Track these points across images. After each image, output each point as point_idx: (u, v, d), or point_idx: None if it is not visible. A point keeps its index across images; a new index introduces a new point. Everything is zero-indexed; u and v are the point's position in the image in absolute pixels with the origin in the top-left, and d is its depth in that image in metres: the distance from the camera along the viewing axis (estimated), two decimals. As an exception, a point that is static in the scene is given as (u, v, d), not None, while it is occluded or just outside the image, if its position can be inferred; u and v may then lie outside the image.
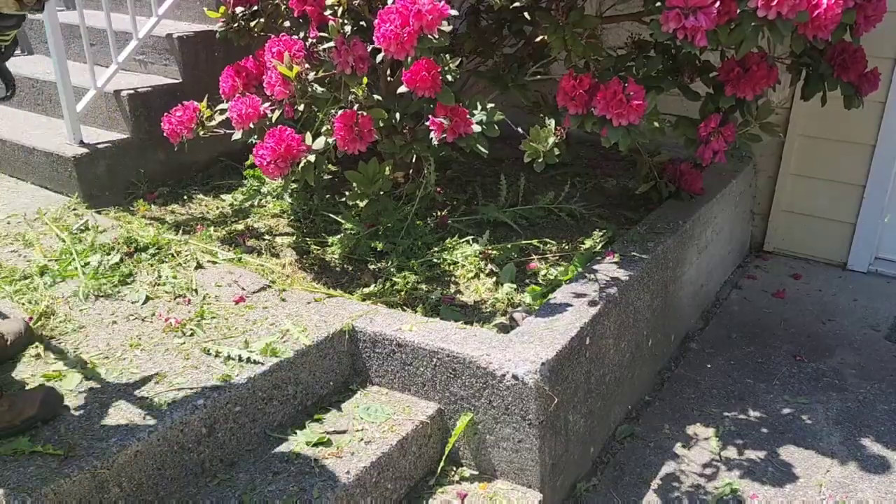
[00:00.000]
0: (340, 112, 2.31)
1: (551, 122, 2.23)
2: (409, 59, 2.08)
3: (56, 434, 1.60)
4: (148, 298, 2.20)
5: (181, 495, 1.69)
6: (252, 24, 2.78)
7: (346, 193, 2.83)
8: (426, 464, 2.02)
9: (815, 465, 2.29)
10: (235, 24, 2.79)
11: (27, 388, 1.75)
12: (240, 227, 2.88)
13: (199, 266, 2.44)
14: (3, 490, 1.43)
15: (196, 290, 2.28)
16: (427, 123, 2.25)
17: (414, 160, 2.77)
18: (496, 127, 2.25)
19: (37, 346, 1.92)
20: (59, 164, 2.86)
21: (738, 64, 2.44)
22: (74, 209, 2.79)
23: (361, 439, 1.87)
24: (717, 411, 2.54)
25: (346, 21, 2.30)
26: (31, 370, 1.83)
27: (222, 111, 2.55)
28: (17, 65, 3.51)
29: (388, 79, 2.55)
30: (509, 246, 2.64)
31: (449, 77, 2.19)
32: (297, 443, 1.86)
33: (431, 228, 2.75)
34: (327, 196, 3.07)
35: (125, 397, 1.73)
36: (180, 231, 2.80)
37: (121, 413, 1.67)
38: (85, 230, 2.60)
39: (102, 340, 1.97)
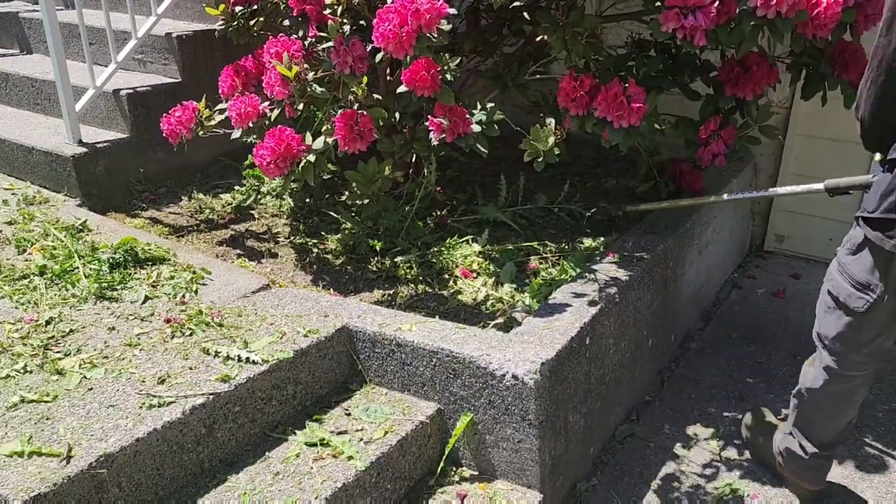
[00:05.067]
0: (340, 112, 2.30)
1: (551, 122, 2.23)
2: (409, 58, 2.07)
3: (56, 434, 1.59)
4: (147, 298, 2.20)
5: (181, 495, 1.69)
6: (251, 22, 2.78)
7: (346, 193, 2.83)
8: (426, 464, 2.01)
9: (815, 465, 2.28)
10: (235, 23, 2.79)
11: None
12: (239, 226, 2.88)
13: (197, 266, 2.43)
14: (3, 490, 1.42)
15: (195, 291, 2.28)
16: (426, 123, 2.25)
17: (414, 160, 2.77)
18: (496, 126, 2.25)
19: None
20: (57, 164, 2.85)
21: (738, 64, 2.44)
22: (73, 209, 2.78)
23: (361, 439, 1.87)
24: (716, 411, 2.54)
25: (345, 20, 2.30)
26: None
27: (221, 111, 2.55)
28: (18, 64, 3.51)
29: (388, 78, 2.55)
30: (509, 246, 2.64)
31: (448, 76, 2.19)
32: (297, 443, 1.86)
33: (431, 228, 2.75)
34: (327, 196, 3.07)
35: (124, 397, 1.72)
36: (179, 231, 2.80)
37: (120, 413, 1.67)
38: (84, 230, 2.60)
39: (101, 340, 1.97)
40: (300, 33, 2.41)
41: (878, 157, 1.68)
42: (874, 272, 1.67)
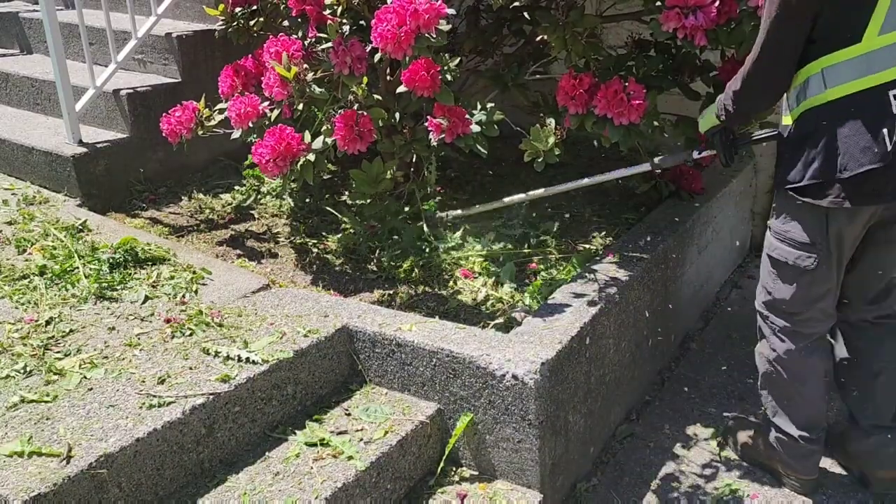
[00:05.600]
0: (340, 112, 2.30)
1: (551, 122, 2.23)
2: (407, 58, 2.07)
3: (56, 434, 1.59)
4: (147, 298, 2.20)
5: (181, 495, 1.69)
6: (251, 23, 2.78)
7: (347, 193, 2.83)
8: (426, 464, 2.01)
9: (815, 465, 2.28)
10: (235, 24, 2.79)
11: None
12: (239, 226, 2.88)
13: (197, 266, 2.43)
14: (3, 490, 1.42)
15: (195, 291, 2.28)
16: (426, 123, 2.25)
17: (414, 160, 2.77)
18: (496, 127, 2.25)
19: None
20: (57, 164, 2.85)
21: (738, 63, 2.43)
22: (73, 209, 2.78)
23: (361, 439, 1.87)
24: (716, 411, 2.54)
25: (344, 21, 2.30)
26: None
27: (221, 111, 2.55)
28: (18, 64, 3.51)
29: (388, 78, 2.55)
30: (509, 246, 2.64)
31: (448, 77, 2.19)
32: (297, 443, 1.86)
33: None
34: (327, 196, 3.07)
35: (124, 397, 1.72)
36: (179, 231, 2.80)
37: (120, 413, 1.67)
38: (84, 230, 2.60)
39: (101, 340, 1.97)
40: (300, 34, 2.41)
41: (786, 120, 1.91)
42: (814, 231, 1.86)
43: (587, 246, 2.67)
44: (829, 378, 2.10)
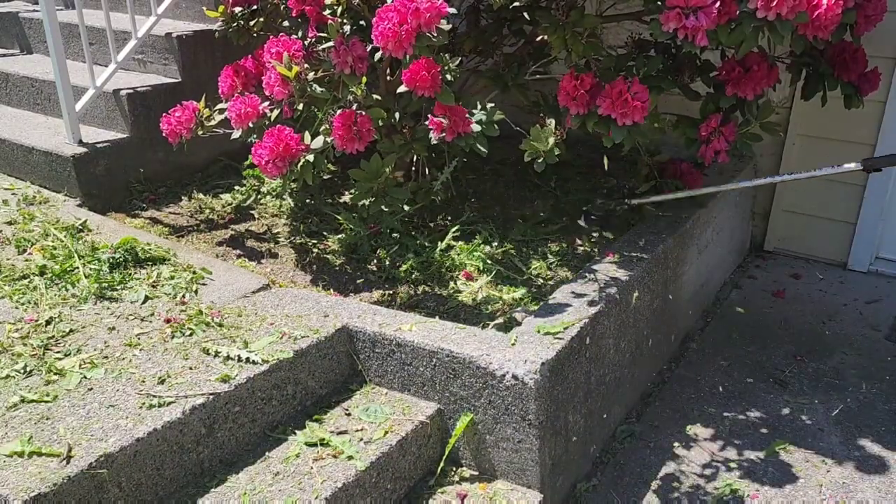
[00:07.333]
0: (339, 111, 2.30)
1: (551, 122, 2.23)
2: (408, 57, 2.07)
3: (56, 434, 1.59)
4: (147, 298, 2.20)
5: (181, 495, 1.69)
6: (251, 23, 2.78)
7: (346, 193, 2.82)
8: (426, 464, 2.01)
9: (815, 465, 2.28)
10: (234, 24, 2.79)
11: None
12: (239, 226, 2.88)
13: (197, 266, 2.43)
14: (3, 490, 1.42)
15: (195, 291, 2.28)
16: (426, 123, 2.25)
17: (415, 160, 2.76)
18: (496, 126, 2.25)
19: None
20: (57, 164, 2.85)
21: (738, 64, 2.44)
22: (73, 209, 2.78)
23: (361, 439, 1.87)
24: (716, 411, 2.54)
25: (345, 21, 2.30)
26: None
27: (221, 111, 2.55)
28: (18, 64, 3.51)
29: (388, 78, 2.55)
30: (509, 246, 2.64)
31: (448, 76, 2.19)
32: (297, 443, 1.86)
33: (431, 229, 2.75)
34: (329, 201, 3.07)
35: (124, 397, 1.72)
36: (179, 231, 2.80)
37: (120, 413, 1.67)
38: (84, 230, 2.60)
39: (101, 340, 1.97)
40: (299, 34, 2.41)
41: None
42: None
43: (587, 246, 2.67)
44: None
